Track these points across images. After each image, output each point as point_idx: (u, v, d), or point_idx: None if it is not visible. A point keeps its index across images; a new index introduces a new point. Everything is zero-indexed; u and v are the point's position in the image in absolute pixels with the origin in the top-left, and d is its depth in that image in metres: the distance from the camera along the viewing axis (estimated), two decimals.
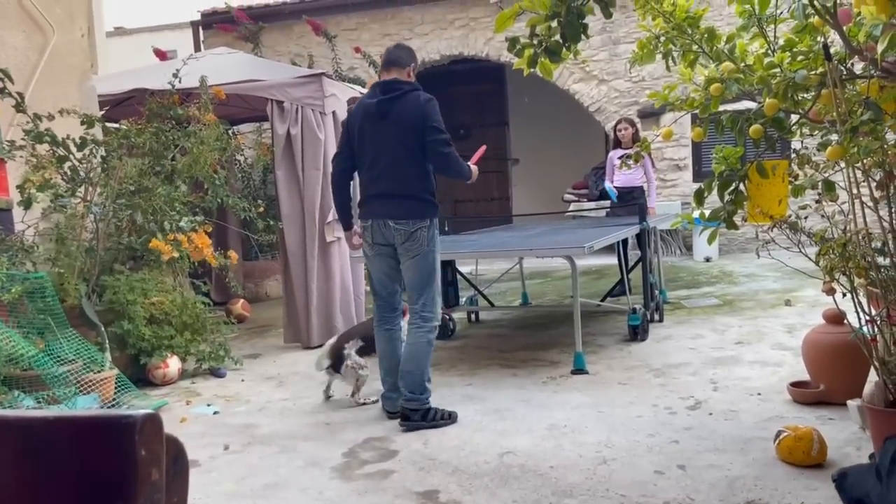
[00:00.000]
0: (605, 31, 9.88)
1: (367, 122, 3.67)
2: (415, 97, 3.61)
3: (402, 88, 3.63)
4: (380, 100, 3.64)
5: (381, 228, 3.66)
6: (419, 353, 3.64)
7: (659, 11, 2.89)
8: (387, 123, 3.61)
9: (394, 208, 3.62)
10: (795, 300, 6.10)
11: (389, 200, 3.64)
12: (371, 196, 3.72)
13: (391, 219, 3.61)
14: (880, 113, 2.35)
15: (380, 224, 3.66)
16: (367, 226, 3.73)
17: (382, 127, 3.62)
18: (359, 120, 3.72)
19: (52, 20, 5.27)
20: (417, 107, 3.58)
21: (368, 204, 3.75)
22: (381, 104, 3.63)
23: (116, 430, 0.69)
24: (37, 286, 4.19)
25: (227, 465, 3.26)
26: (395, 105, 3.61)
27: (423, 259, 3.65)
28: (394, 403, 3.75)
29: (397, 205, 3.62)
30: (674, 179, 10.16)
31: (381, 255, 3.75)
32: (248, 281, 8.14)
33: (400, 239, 3.62)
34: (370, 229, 3.71)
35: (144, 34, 15.73)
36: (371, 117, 3.65)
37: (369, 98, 3.74)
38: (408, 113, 3.58)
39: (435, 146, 3.57)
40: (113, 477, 0.69)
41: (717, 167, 2.88)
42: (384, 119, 3.61)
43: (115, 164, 4.92)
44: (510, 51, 2.74)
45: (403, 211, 3.61)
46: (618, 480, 2.81)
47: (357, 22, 10.89)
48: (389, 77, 3.69)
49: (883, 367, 2.70)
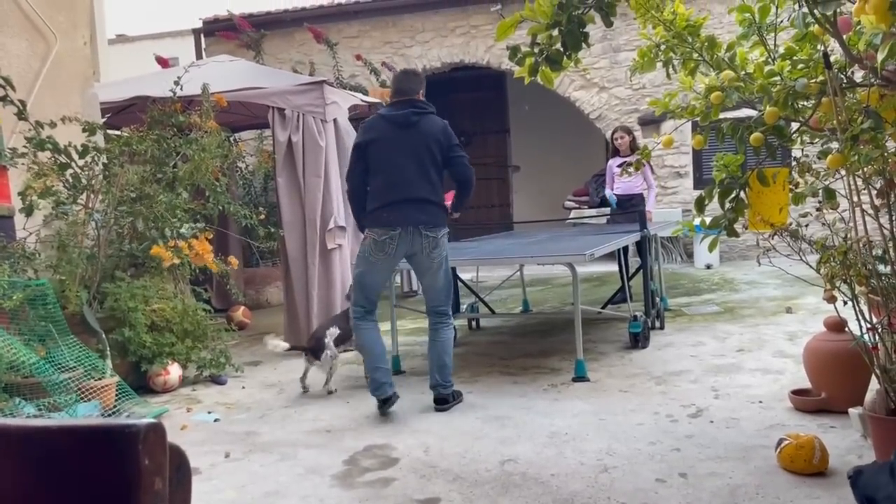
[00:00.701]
0: (606, 38, 9.90)
1: (394, 131, 3.89)
2: (436, 118, 3.96)
3: (425, 109, 3.96)
4: (409, 111, 3.89)
5: (411, 237, 3.82)
6: (449, 347, 4.02)
7: (659, 20, 2.90)
8: (415, 133, 3.88)
9: (425, 215, 3.84)
10: (796, 308, 6.10)
11: (419, 206, 3.83)
12: (397, 202, 3.83)
13: (423, 225, 3.82)
14: (880, 121, 2.35)
15: (409, 232, 3.81)
16: (395, 234, 3.82)
17: (412, 136, 3.88)
18: (382, 130, 3.93)
19: (54, 28, 5.29)
20: (440, 126, 3.94)
21: (393, 210, 3.83)
22: (410, 115, 3.89)
23: (120, 439, 0.69)
24: (38, 293, 4.19)
25: (227, 472, 3.25)
26: (421, 119, 3.90)
27: (445, 263, 3.96)
28: (386, 390, 3.88)
29: (427, 211, 3.85)
30: (674, 187, 10.17)
31: (389, 261, 3.92)
32: (249, 288, 8.14)
33: (429, 246, 3.85)
34: (397, 238, 3.82)
35: (146, 41, 15.78)
36: (399, 126, 3.89)
37: (394, 111, 3.95)
38: (432, 129, 3.90)
39: (462, 161, 3.95)
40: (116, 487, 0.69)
41: (717, 175, 2.89)
42: (411, 128, 3.87)
43: (117, 171, 4.93)
44: (511, 59, 2.75)
45: (433, 218, 3.86)
46: (619, 488, 2.80)
47: (358, 29, 10.92)
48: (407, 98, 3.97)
49: (884, 375, 2.70)
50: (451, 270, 4.04)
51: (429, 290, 4.04)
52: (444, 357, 3.98)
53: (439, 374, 3.97)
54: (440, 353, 3.99)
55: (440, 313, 4.03)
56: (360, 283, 3.99)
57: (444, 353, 3.99)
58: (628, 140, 6.91)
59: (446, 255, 3.95)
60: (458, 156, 3.94)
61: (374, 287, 3.99)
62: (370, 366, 3.95)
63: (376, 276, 3.94)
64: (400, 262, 4.05)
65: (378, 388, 3.89)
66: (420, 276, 4.05)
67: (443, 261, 3.93)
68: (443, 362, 3.97)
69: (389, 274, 4.01)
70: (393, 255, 3.87)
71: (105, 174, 4.95)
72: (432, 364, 4.02)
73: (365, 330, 4.00)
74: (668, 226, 7.00)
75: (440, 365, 3.97)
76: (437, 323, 4.03)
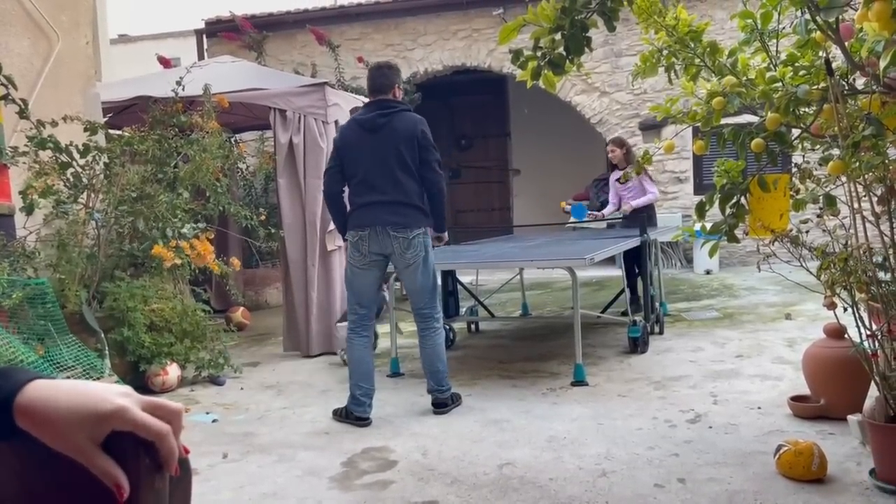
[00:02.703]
0: (608, 43, 9.91)
1: (362, 135, 3.84)
2: (409, 115, 3.88)
3: (395, 107, 3.87)
4: (375, 114, 3.84)
5: (379, 236, 3.78)
6: (440, 351, 3.97)
7: (662, 25, 2.90)
8: (382, 136, 3.81)
9: (394, 216, 3.77)
10: (796, 314, 6.10)
11: (388, 207, 3.78)
12: (368, 204, 3.81)
13: (391, 226, 3.76)
14: (882, 128, 2.36)
15: (377, 231, 3.78)
16: (364, 234, 3.81)
17: (378, 139, 3.81)
18: (352, 134, 3.90)
19: (56, 27, 5.29)
20: (412, 123, 3.84)
21: (364, 211, 3.82)
22: (375, 118, 3.83)
23: (119, 437, 0.69)
24: (37, 292, 4.19)
25: (225, 473, 3.25)
26: (390, 120, 3.82)
27: (425, 264, 3.85)
28: (366, 410, 3.85)
29: (397, 212, 3.78)
30: (675, 192, 10.18)
31: (373, 266, 3.87)
32: (249, 289, 8.14)
33: (400, 247, 3.78)
34: (367, 238, 3.80)
35: (148, 42, 15.81)
36: (366, 130, 3.84)
37: (363, 114, 3.93)
38: (403, 128, 3.81)
39: (430, 164, 3.84)
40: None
41: (718, 180, 2.89)
42: (379, 132, 3.82)
43: (118, 170, 4.93)
44: (514, 63, 2.76)
45: (403, 219, 3.78)
46: (617, 493, 2.80)
47: (360, 32, 10.93)
48: (380, 98, 3.91)
49: (883, 382, 2.70)
50: (434, 272, 3.93)
51: (409, 291, 4.01)
52: (437, 363, 3.94)
53: (433, 380, 3.96)
54: (431, 359, 3.95)
55: (425, 316, 3.95)
56: (350, 287, 3.97)
57: (436, 358, 3.94)
58: (620, 153, 6.56)
59: (425, 256, 3.84)
60: (427, 159, 3.82)
61: (364, 290, 3.92)
62: (354, 381, 3.88)
63: (363, 279, 3.90)
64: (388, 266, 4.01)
65: (359, 406, 3.84)
66: (400, 276, 4.02)
67: (420, 262, 3.82)
68: (435, 368, 3.94)
69: (377, 277, 3.92)
70: (368, 254, 3.82)
71: (106, 174, 4.96)
72: (425, 370, 4.00)
73: (357, 347, 3.91)
74: (668, 231, 7.00)
75: (433, 371, 3.95)
76: (424, 328, 3.96)
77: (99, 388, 0.69)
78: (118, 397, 0.68)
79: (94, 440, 0.67)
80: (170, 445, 0.69)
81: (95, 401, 0.67)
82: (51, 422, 0.67)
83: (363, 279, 3.90)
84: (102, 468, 0.66)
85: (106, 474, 0.66)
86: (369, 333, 3.98)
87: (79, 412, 0.66)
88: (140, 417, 0.68)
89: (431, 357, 3.95)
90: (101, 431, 0.67)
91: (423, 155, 3.82)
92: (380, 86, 3.92)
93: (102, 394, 0.68)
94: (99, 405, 0.67)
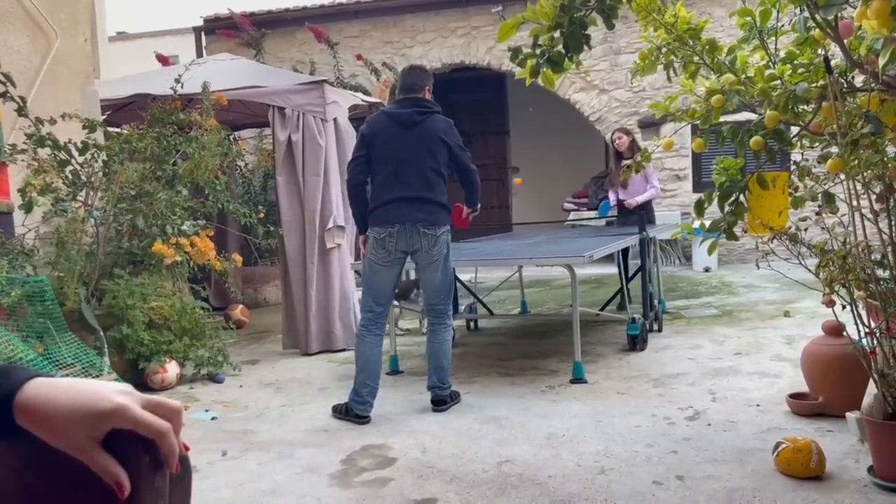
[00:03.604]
0: (607, 40, 9.91)
1: (397, 129, 3.90)
2: (441, 118, 3.97)
3: (430, 108, 3.96)
4: (414, 110, 3.90)
5: (409, 234, 3.82)
6: (448, 349, 4.02)
7: (661, 23, 2.90)
8: (418, 133, 3.88)
9: (423, 213, 3.84)
10: (794, 311, 6.11)
11: (417, 204, 3.84)
12: (396, 200, 3.84)
13: (421, 223, 3.82)
14: (880, 126, 2.36)
15: (408, 228, 3.82)
16: (393, 231, 3.82)
17: (413, 135, 3.88)
18: (385, 127, 3.93)
19: (55, 24, 5.29)
20: (445, 125, 3.95)
21: (392, 208, 3.84)
22: (413, 114, 3.89)
23: (120, 435, 0.69)
24: (36, 290, 4.19)
25: (224, 471, 3.25)
26: (425, 119, 3.90)
27: (446, 262, 3.95)
28: (367, 410, 3.85)
29: (426, 209, 3.85)
30: (674, 190, 10.18)
31: (394, 264, 3.90)
32: (248, 286, 8.14)
33: (428, 244, 3.85)
34: (395, 235, 3.82)
35: (147, 39, 15.79)
36: (402, 125, 3.90)
37: (399, 109, 3.96)
38: (436, 129, 3.91)
39: (467, 162, 4.00)
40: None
41: (717, 178, 2.89)
42: (413, 129, 3.88)
43: (117, 168, 4.93)
44: (513, 61, 2.76)
45: (431, 216, 3.86)
46: (616, 490, 2.80)
47: (359, 29, 10.92)
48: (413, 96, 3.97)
49: (882, 380, 2.71)
50: (452, 270, 4.02)
51: (427, 286, 4.03)
52: (442, 359, 3.98)
53: (437, 376, 3.98)
54: (438, 354, 3.98)
55: (438, 312, 4.01)
56: (369, 285, 3.95)
57: (443, 354, 3.98)
58: (627, 140, 6.69)
59: (447, 254, 3.92)
60: (464, 157, 3.97)
61: (383, 288, 3.92)
62: (361, 379, 3.86)
63: (384, 277, 3.90)
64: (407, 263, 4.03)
65: (361, 405, 3.84)
66: (419, 272, 4.03)
67: (442, 259, 3.90)
68: (440, 364, 3.97)
69: (396, 275, 3.95)
70: (394, 251, 3.84)
71: (105, 171, 4.95)
72: (430, 365, 4.02)
73: (368, 345, 3.89)
74: (667, 228, 7.01)
75: (437, 367, 3.97)
76: (436, 323, 4.01)
77: (99, 386, 0.69)
78: (118, 395, 0.68)
79: (94, 438, 0.67)
80: (170, 443, 0.69)
81: (95, 399, 0.67)
82: (51, 420, 0.67)
83: (384, 276, 3.90)
84: (103, 466, 0.66)
85: (106, 472, 0.66)
86: (382, 332, 3.96)
87: (79, 410, 0.67)
88: (140, 415, 0.68)
89: (438, 353, 3.98)
90: (101, 429, 0.67)
91: (456, 154, 3.95)
92: (411, 85, 3.98)
93: (102, 392, 0.68)
94: (99, 403, 0.67)
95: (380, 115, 4.07)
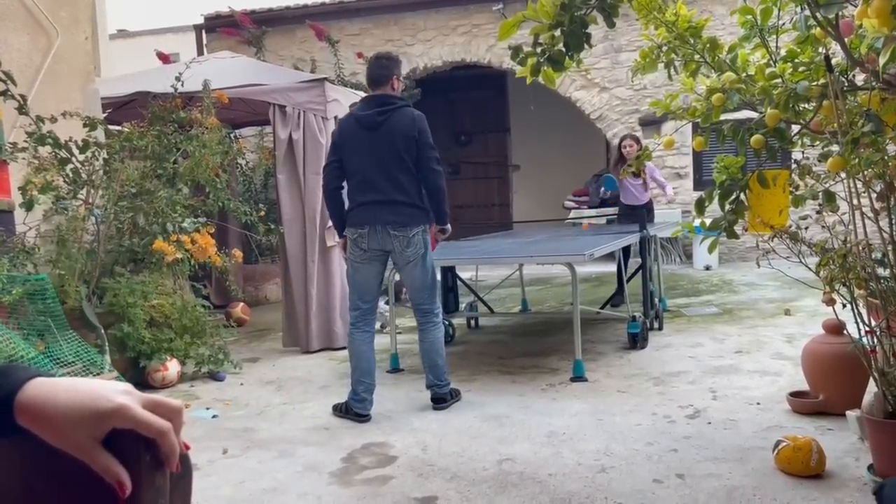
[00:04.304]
0: (608, 38, 9.90)
1: (361, 133, 3.83)
2: (408, 112, 3.84)
3: (394, 103, 3.85)
4: (375, 111, 3.82)
5: (379, 234, 3.80)
6: (439, 346, 4.00)
7: (661, 21, 2.89)
8: (381, 134, 3.80)
9: (393, 215, 3.79)
10: (795, 310, 6.10)
11: (387, 207, 3.79)
12: (367, 203, 3.82)
13: (390, 225, 3.78)
14: (881, 125, 2.36)
15: (377, 230, 3.79)
16: (364, 232, 3.83)
17: (376, 137, 3.80)
18: (351, 131, 3.88)
19: (56, 23, 5.28)
20: (411, 121, 3.81)
21: (363, 210, 3.83)
22: (374, 116, 3.82)
23: (120, 434, 0.69)
24: (37, 288, 4.19)
25: (225, 469, 3.26)
26: (389, 117, 3.81)
27: (424, 261, 3.88)
28: (367, 407, 3.87)
29: (395, 211, 3.79)
30: (675, 188, 10.15)
31: (373, 261, 3.88)
32: (248, 284, 8.15)
33: (400, 245, 3.80)
34: (366, 235, 3.82)
35: (147, 37, 15.78)
36: (365, 128, 3.83)
37: (362, 111, 3.91)
38: (402, 126, 3.79)
39: (429, 162, 3.82)
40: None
41: (718, 176, 2.89)
42: (377, 130, 3.80)
43: (117, 166, 4.93)
44: (513, 59, 2.75)
45: (402, 217, 3.80)
46: (616, 489, 2.81)
47: (360, 27, 10.92)
48: (378, 92, 3.89)
49: (882, 378, 2.71)
50: (432, 268, 3.95)
51: (409, 287, 4.03)
52: (435, 357, 3.97)
53: (432, 374, 3.98)
54: (430, 353, 3.98)
55: (424, 311, 3.98)
56: (353, 283, 4.00)
57: (435, 353, 3.97)
58: (636, 148, 6.74)
59: (424, 253, 3.85)
60: (426, 157, 3.80)
61: (366, 285, 3.93)
62: (356, 377, 3.89)
63: (365, 274, 3.91)
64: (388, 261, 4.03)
65: (360, 403, 3.86)
66: (400, 273, 4.04)
67: (419, 258, 3.84)
68: (434, 362, 3.97)
69: (378, 271, 3.93)
70: (368, 250, 3.83)
71: (105, 170, 4.95)
72: (424, 364, 4.03)
73: (359, 342, 3.91)
74: (668, 227, 7.01)
75: (432, 365, 3.98)
76: (424, 322, 4.00)
77: (99, 385, 0.69)
78: (119, 395, 0.69)
79: (95, 438, 0.67)
80: (170, 442, 0.70)
81: (96, 399, 0.68)
82: (51, 420, 0.67)
83: (364, 273, 3.91)
84: (104, 465, 0.67)
85: (107, 471, 0.67)
86: (371, 329, 3.98)
87: (79, 410, 0.67)
88: (141, 415, 0.68)
89: (430, 351, 3.98)
90: (101, 429, 0.67)
91: (421, 153, 3.80)
92: (377, 77, 3.89)
93: (103, 392, 0.68)
94: (99, 403, 0.67)
95: (348, 119, 4.01)
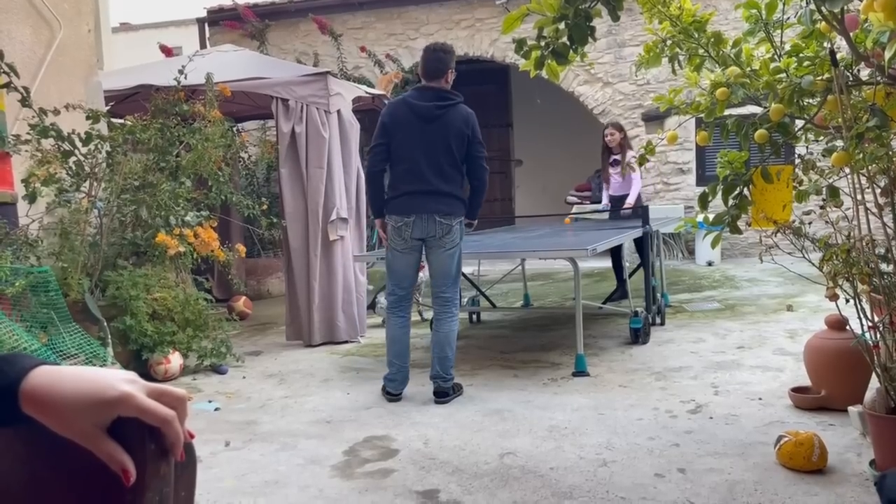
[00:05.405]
0: (611, 33, 9.87)
1: (416, 122, 3.96)
2: (463, 108, 4.01)
3: (452, 99, 4.00)
4: (434, 104, 3.97)
5: (425, 223, 3.94)
6: (452, 338, 4.06)
7: (665, 15, 2.89)
8: (436, 127, 3.94)
9: (441, 205, 3.95)
10: (797, 305, 6.10)
11: (434, 196, 3.95)
12: (414, 192, 3.96)
13: (437, 213, 3.93)
14: (886, 120, 2.35)
15: (424, 219, 3.94)
16: (409, 221, 3.96)
17: (432, 130, 3.94)
18: (404, 118, 3.99)
19: (59, 15, 5.28)
20: (466, 118, 3.99)
21: (410, 199, 3.97)
22: (434, 109, 3.95)
23: (125, 423, 0.69)
24: (40, 280, 4.19)
25: (227, 461, 3.27)
26: (446, 112, 3.96)
27: (456, 251, 4.03)
28: (398, 387, 4.04)
29: (443, 202, 3.95)
30: (677, 183, 10.16)
31: (412, 250, 4.04)
32: (251, 278, 8.15)
33: (441, 232, 3.95)
34: (412, 224, 3.96)
35: (150, 30, 15.78)
36: (421, 119, 3.95)
37: (419, 100, 4.00)
38: (457, 122, 3.96)
39: (479, 160, 4.03)
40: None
41: (721, 171, 2.88)
42: (434, 122, 3.94)
43: (120, 159, 4.93)
44: (517, 52, 2.74)
45: (448, 207, 3.96)
46: (618, 483, 2.81)
47: (363, 21, 10.89)
48: (435, 85, 4.01)
49: (884, 374, 2.70)
50: (460, 260, 4.07)
51: (435, 273, 4.10)
52: (447, 349, 4.01)
53: (440, 366, 4.00)
54: (442, 344, 4.02)
55: (444, 301, 4.05)
56: (390, 270, 4.13)
57: (447, 344, 4.02)
58: (619, 137, 6.68)
59: (458, 244, 4.02)
60: (476, 154, 4.01)
61: (403, 273, 4.09)
62: (389, 358, 4.08)
63: (403, 262, 4.06)
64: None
65: (391, 382, 4.06)
66: (429, 259, 4.10)
67: (454, 248, 3.99)
68: (444, 354, 4.01)
69: (415, 261, 4.08)
70: (409, 239, 3.98)
71: (108, 162, 4.95)
72: (434, 354, 4.05)
73: (395, 326, 4.08)
74: (670, 222, 7.00)
75: (441, 357, 4.00)
76: (442, 312, 4.06)
77: (104, 374, 0.70)
78: (124, 383, 0.69)
79: (99, 426, 0.67)
80: (175, 431, 0.70)
81: (101, 387, 0.68)
82: (56, 408, 0.67)
83: (403, 262, 4.07)
84: (108, 453, 0.67)
85: (112, 459, 0.67)
86: (405, 315, 4.12)
87: (84, 398, 0.67)
88: (145, 403, 0.68)
89: (443, 342, 4.02)
90: (106, 417, 0.67)
91: (471, 149, 3.99)
92: (434, 71, 4.00)
93: (108, 380, 0.69)
94: (105, 391, 0.67)
95: (400, 105, 4.08)
